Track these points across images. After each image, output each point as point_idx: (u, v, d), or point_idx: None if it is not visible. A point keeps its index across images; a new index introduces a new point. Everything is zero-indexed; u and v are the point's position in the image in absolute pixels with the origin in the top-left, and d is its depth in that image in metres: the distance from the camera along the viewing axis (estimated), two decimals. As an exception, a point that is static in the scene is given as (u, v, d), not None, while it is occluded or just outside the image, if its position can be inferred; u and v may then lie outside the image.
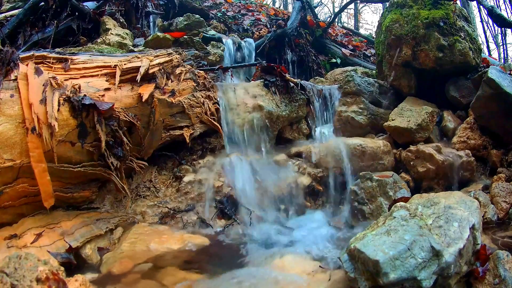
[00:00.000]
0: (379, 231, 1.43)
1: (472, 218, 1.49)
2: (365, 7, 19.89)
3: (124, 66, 2.21)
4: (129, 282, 1.59)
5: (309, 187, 2.60)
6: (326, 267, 1.68)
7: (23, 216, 1.89)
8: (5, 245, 1.67)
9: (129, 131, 2.17)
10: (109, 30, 3.74)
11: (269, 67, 3.09)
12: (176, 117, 2.46)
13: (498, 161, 2.61)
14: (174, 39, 3.77)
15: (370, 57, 5.57)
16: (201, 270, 1.70)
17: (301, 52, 5.10)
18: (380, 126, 3.10)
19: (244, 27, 5.71)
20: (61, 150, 1.86)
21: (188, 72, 2.59)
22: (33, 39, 3.36)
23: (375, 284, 1.29)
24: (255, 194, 2.45)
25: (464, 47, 3.02)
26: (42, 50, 2.18)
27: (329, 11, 18.65)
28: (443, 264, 1.28)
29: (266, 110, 2.76)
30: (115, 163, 2.05)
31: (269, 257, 1.82)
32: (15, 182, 1.77)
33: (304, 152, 2.74)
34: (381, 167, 2.69)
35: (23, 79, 1.80)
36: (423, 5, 3.19)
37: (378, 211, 2.29)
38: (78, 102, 1.88)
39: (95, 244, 1.90)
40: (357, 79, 3.27)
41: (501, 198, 2.19)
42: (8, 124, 1.70)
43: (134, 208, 2.25)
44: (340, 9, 7.09)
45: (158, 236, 2.02)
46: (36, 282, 1.04)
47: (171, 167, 2.55)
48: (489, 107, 2.59)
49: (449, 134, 2.96)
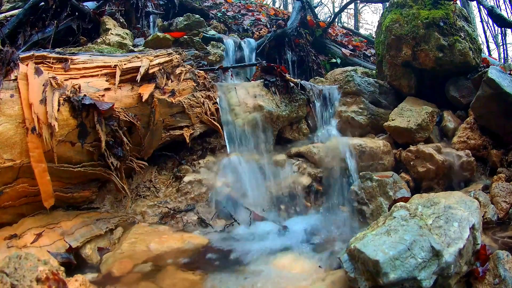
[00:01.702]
0: (379, 231, 1.43)
1: (472, 218, 1.49)
2: (365, 7, 19.90)
3: (124, 66, 2.21)
4: (129, 282, 1.59)
5: (309, 187, 2.60)
6: (326, 267, 1.68)
7: (23, 216, 1.89)
8: (5, 245, 1.67)
9: (129, 131, 2.17)
10: (109, 30, 3.74)
11: (269, 67, 3.09)
12: (176, 117, 2.46)
13: (498, 161, 2.61)
14: (174, 39, 3.77)
15: (370, 57, 5.57)
16: (201, 270, 1.70)
17: (301, 52, 5.10)
18: (380, 126, 3.10)
19: (244, 27, 5.71)
20: (61, 150, 1.86)
21: (188, 72, 2.59)
22: (33, 39, 3.36)
23: (375, 284, 1.29)
24: (255, 194, 2.45)
25: (464, 47, 3.02)
26: (42, 50, 2.18)
27: (329, 11, 18.66)
28: (443, 264, 1.28)
29: (266, 110, 2.76)
30: (115, 163, 2.05)
31: (269, 257, 1.82)
32: (15, 182, 1.76)
33: (304, 152, 2.74)
34: (381, 167, 2.69)
35: (23, 79, 1.80)
36: (423, 5, 3.19)
37: (378, 211, 2.30)
38: (78, 102, 1.88)
39: (95, 244, 1.90)
40: (357, 79, 3.27)
41: (501, 198, 2.19)
42: (8, 124, 1.70)
43: (134, 208, 2.25)
44: (340, 9, 7.09)
45: (158, 236, 2.02)
46: (36, 282, 1.04)
47: (171, 167, 2.55)
48: (489, 107, 2.59)
49: (449, 134, 2.96)
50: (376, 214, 2.28)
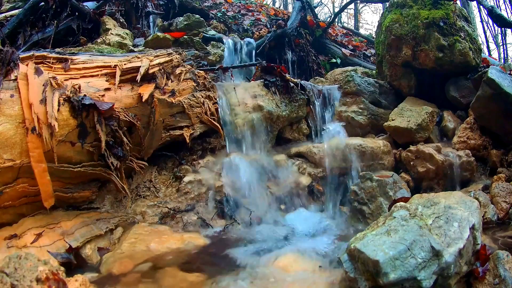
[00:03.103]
0: (379, 231, 1.43)
1: (472, 218, 1.49)
2: (365, 7, 19.90)
3: (124, 66, 2.21)
4: (129, 282, 1.59)
5: (309, 187, 2.60)
6: (326, 267, 1.68)
7: (23, 216, 1.89)
8: (5, 245, 1.67)
9: (129, 131, 2.17)
10: (109, 30, 3.74)
11: (269, 67, 3.09)
12: (176, 117, 2.46)
13: (498, 161, 2.61)
14: (174, 39, 3.77)
15: (370, 57, 5.57)
16: (201, 270, 1.70)
17: (301, 52, 5.10)
18: (380, 126, 3.10)
19: (244, 27, 5.72)
20: (61, 150, 1.86)
21: (188, 72, 2.59)
22: (33, 39, 3.36)
23: (375, 284, 1.28)
24: (255, 194, 2.45)
25: (464, 47, 3.02)
26: (42, 50, 2.18)
27: (329, 11, 18.66)
28: (443, 264, 1.28)
29: (266, 110, 2.76)
30: (115, 163, 2.05)
31: (269, 257, 1.81)
32: (15, 182, 1.76)
33: (304, 152, 2.74)
34: (381, 167, 2.69)
35: (23, 79, 1.80)
36: (423, 5, 3.19)
37: (378, 211, 2.29)
38: (78, 102, 1.88)
39: (95, 244, 1.90)
40: (357, 79, 3.27)
41: (501, 198, 2.19)
42: (8, 124, 1.70)
43: (134, 208, 2.25)
44: (340, 9, 7.09)
45: (158, 236, 2.02)
46: (36, 282, 1.04)
47: (171, 167, 2.55)
48: (489, 107, 2.59)
49: (449, 134, 2.96)
50: (376, 214, 2.28)
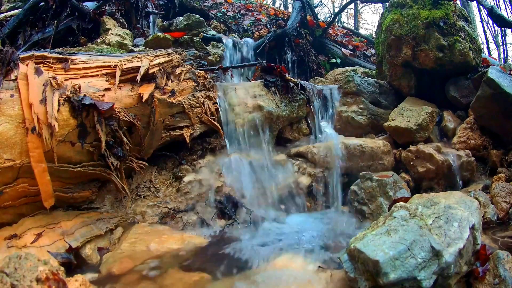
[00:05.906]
0: (379, 231, 1.43)
1: (472, 218, 1.49)
2: (365, 7, 19.91)
3: (124, 66, 2.21)
4: (129, 282, 1.59)
5: (309, 187, 2.60)
6: (326, 267, 1.68)
7: (23, 216, 1.89)
8: (5, 245, 1.67)
9: (129, 131, 2.17)
10: (109, 30, 3.74)
11: (269, 67, 3.09)
12: (176, 117, 2.46)
13: (498, 161, 2.61)
14: (174, 39, 3.77)
15: (370, 57, 5.57)
16: (201, 270, 1.70)
17: (301, 52, 5.10)
18: (380, 126, 3.10)
19: (244, 27, 5.72)
20: (61, 150, 1.85)
21: (188, 72, 2.59)
22: (33, 39, 3.36)
23: (375, 284, 1.29)
24: (255, 194, 2.45)
25: (464, 47, 3.02)
26: (42, 50, 2.17)
27: (329, 11, 18.67)
28: (443, 264, 1.28)
29: (266, 110, 2.76)
30: (115, 163, 2.05)
31: (269, 257, 1.81)
32: (15, 182, 1.76)
33: (304, 152, 2.74)
34: (381, 167, 2.69)
35: (23, 79, 1.80)
36: (423, 5, 3.19)
37: (378, 211, 2.29)
38: (78, 102, 1.88)
39: (95, 244, 1.90)
40: (357, 79, 3.27)
41: (501, 198, 2.19)
42: (8, 124, 1.70)
43: (134, 208, 2.25)
44: (340, 9, 7.09)
45: (158, 236, 2.02)
46: (36, 282, 1.04)
47: (171, 167, 2.55)
48: (489, 107, 2.59)
49: (449, 134, 2.96)
50: (376, 214, 2.28)
